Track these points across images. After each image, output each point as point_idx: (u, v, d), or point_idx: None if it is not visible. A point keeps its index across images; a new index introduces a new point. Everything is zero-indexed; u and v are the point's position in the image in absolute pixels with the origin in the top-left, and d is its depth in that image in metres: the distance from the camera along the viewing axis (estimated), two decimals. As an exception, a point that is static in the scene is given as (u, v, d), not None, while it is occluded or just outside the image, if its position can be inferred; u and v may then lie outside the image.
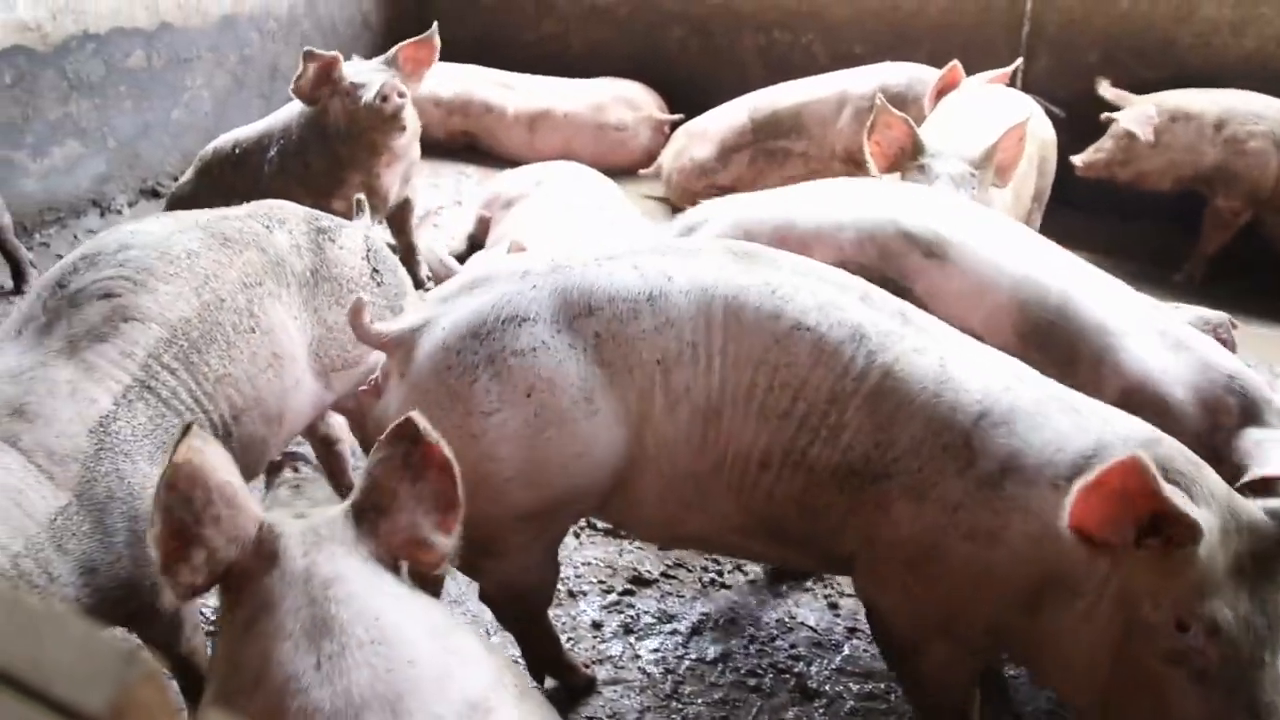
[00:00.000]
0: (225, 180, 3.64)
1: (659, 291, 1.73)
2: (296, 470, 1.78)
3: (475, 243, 3.90)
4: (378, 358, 2.09)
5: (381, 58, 3.61)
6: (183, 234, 1.93)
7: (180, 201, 3.69)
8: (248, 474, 2.36)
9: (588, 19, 5.58)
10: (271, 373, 1.95)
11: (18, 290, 3.70)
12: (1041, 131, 3.55)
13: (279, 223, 2.11)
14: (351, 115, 3.49)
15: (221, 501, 1.19)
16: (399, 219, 3.80)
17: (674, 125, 5.00)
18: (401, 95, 3.47)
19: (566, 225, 3.37)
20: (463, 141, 5.15)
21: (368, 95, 3.43)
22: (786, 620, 2.40)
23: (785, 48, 5.27)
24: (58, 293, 1.78)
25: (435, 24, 3.67)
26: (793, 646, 2.31)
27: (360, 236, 2.26)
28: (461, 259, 3.82)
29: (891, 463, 1.65)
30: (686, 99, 5.12)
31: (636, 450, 1.72)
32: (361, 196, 2.51)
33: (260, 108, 4.90)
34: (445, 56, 5.32)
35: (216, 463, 1.20)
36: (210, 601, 2.15)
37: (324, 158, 3.57)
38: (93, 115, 4.22)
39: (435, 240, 4.04)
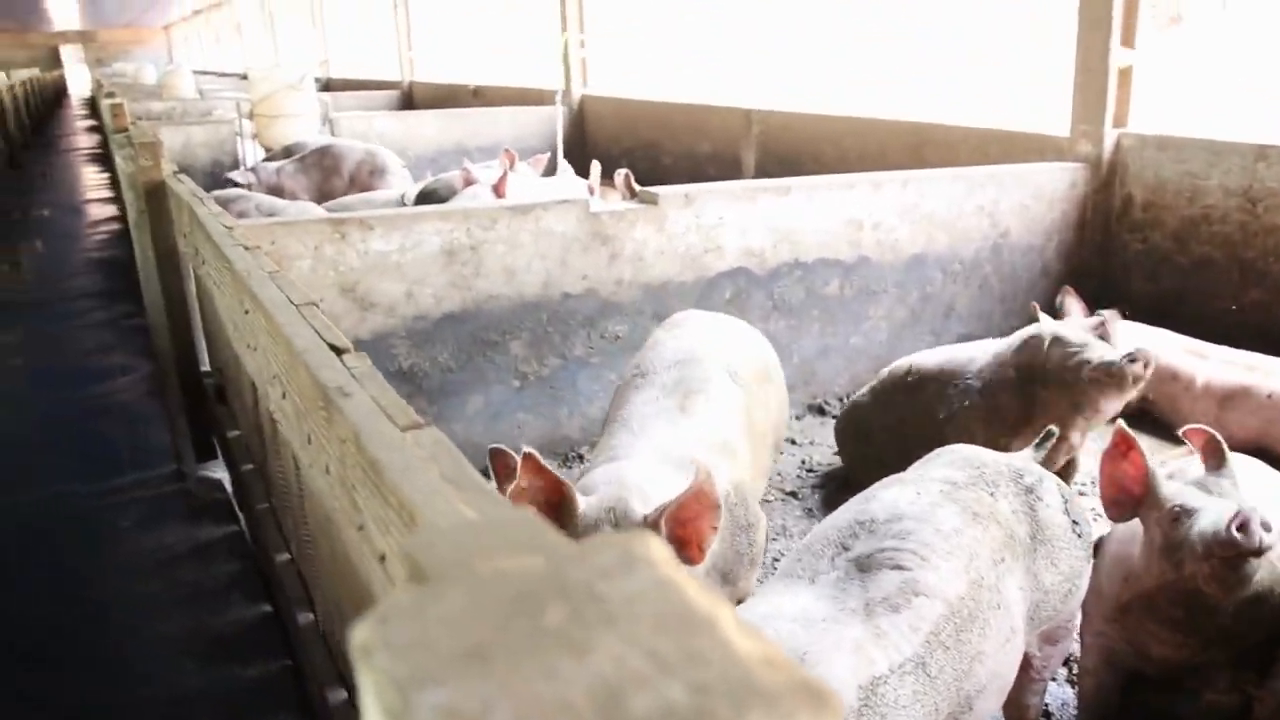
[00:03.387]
0: (896, 402, 3.77)
1: None
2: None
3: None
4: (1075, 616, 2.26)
5: (1091, 323, 3.47)
6: (941, 508, 2.05)
7: (855, 412, 3.92)
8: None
9: (1305, 292, 4.97)
10: (1010, 646, 2.02)
11: None
12: None
13: (995, 486, 2.17)
14: (1067, 366, 3.37)
15: None
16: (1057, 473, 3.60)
17: None
18: (1147, 365, 3.28)
19: None
20: (1136, 408, 4.77)
21: (1107, 355, 3.28)
22: None
23: None
24: (842, 554, 1.99)
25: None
26: None
27: (1056, 489, 2.26)
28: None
29: None
30: None
31: None
32: (1053, 429, 2.55)
33: (929, 343, 4.99)
34: (1129, 314, 5.08)
35: None
36: None
37: (1017, 398, 3.49)
38: (785, 333, 4.57)
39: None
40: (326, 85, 16.20)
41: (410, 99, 14.26)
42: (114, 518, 3.70)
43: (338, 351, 1.33)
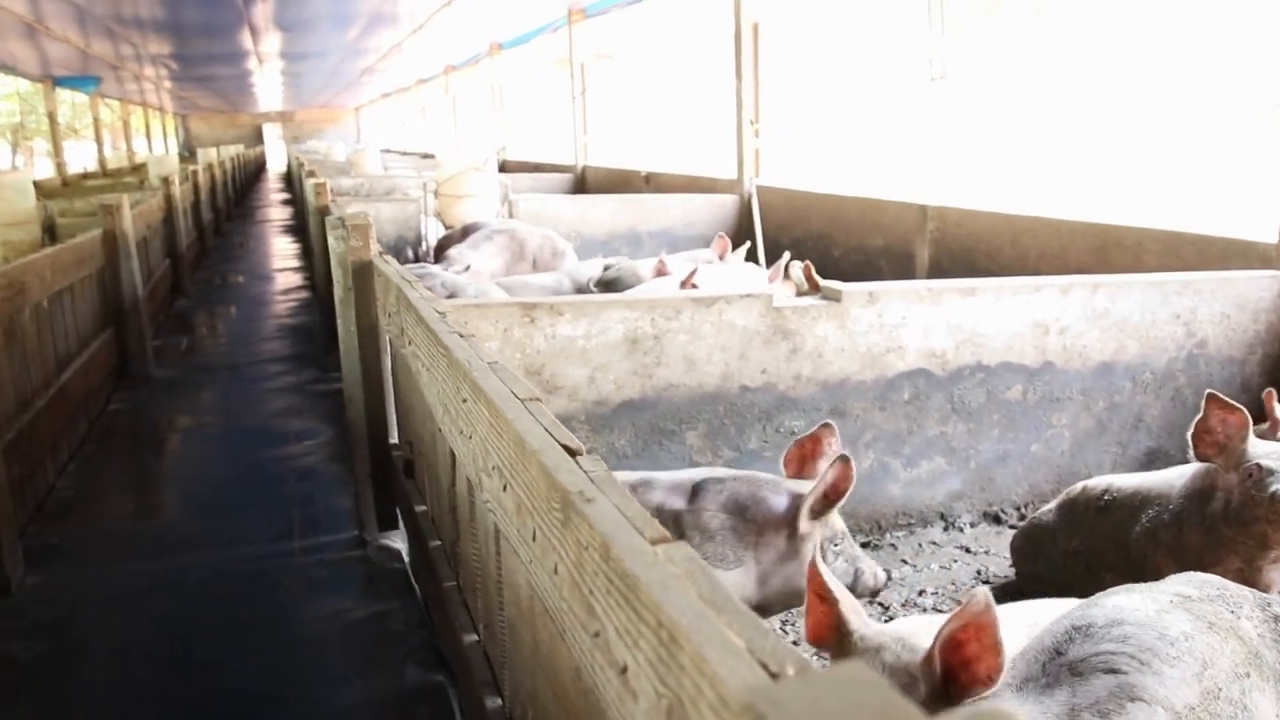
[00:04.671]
0: (1086, 521, 3.59)
1: None
2: None
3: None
4: None
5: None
6: (1169, 614, 1.91)
7: (1037, 530, 3.72)
8: None
9: None
10: None
11: None
12: None
13: (1238, 606, 2.03)
14: (1248, 499, 3.16)
15: None
16: None
17: None
18: None
19: None
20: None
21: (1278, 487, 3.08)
22: None
23: None
24: (1056, 659, 1.85)
25: None
26: None
27: None
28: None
29: None
30: None
31: None
32: None
33: (1115, 455, 4.77)
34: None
35: None
36: None
37: (1201, 534, 3.28)
38: (964, 437, 4.45)
39: None
40: (503, 166, 16.88)
41: (583, 182, 14.71)
42: (298, 579, 3.85)
43: (571, 453, 1.36)
